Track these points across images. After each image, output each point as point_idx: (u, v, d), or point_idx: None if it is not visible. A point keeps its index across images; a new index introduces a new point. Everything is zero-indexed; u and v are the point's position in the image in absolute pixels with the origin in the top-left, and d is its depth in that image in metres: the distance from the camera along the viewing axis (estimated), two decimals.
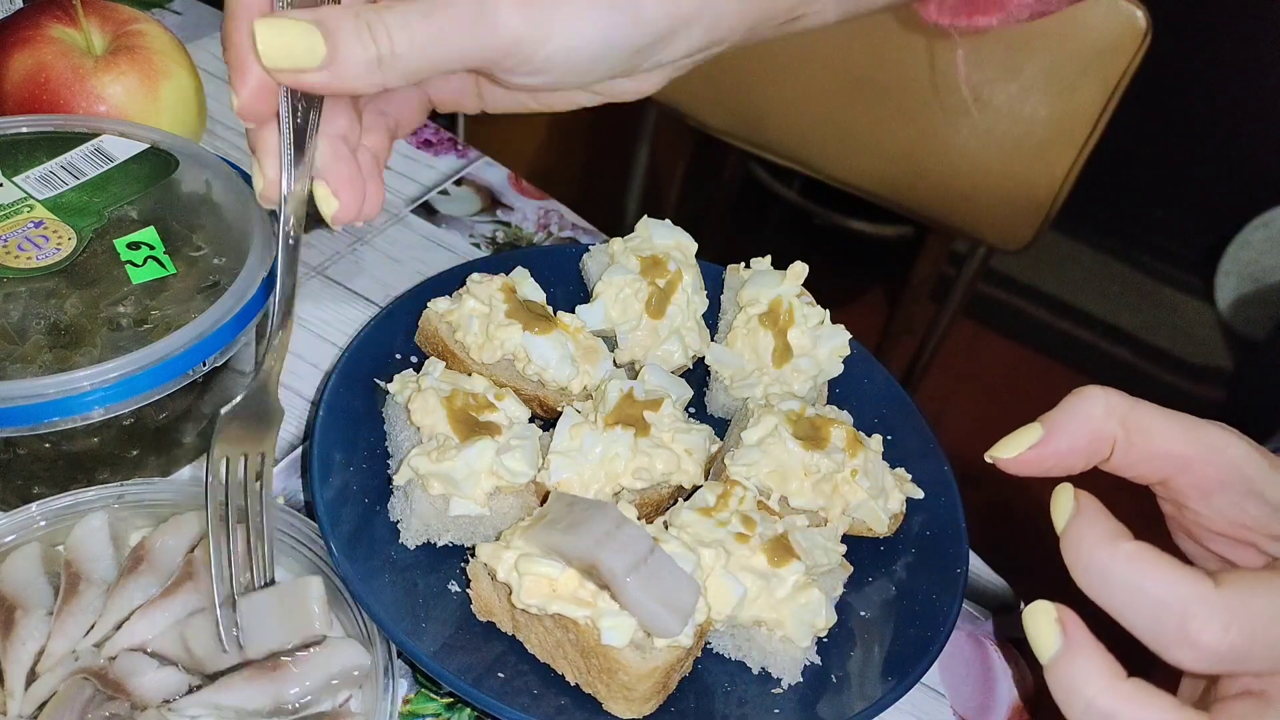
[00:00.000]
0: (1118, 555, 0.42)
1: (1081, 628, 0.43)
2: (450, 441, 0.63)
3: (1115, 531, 0.43)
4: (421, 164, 0.98)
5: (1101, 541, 0.43)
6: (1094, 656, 0.42)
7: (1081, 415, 0.48)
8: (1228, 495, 0.47)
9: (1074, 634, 0.43)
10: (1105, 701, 0.41)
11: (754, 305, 0.77)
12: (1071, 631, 0.43)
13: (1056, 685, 0.43)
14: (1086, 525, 0.43)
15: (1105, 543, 0.43)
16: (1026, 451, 0.49)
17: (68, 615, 0.57)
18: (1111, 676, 0.41)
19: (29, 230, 0.67)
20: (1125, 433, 0.47)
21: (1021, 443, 0.49)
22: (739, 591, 0.60)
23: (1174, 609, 0.40)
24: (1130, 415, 0.47)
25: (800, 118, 1.35)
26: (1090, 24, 1.17)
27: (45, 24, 0.77)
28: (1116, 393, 0.48)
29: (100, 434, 0.63)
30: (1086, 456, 0.48)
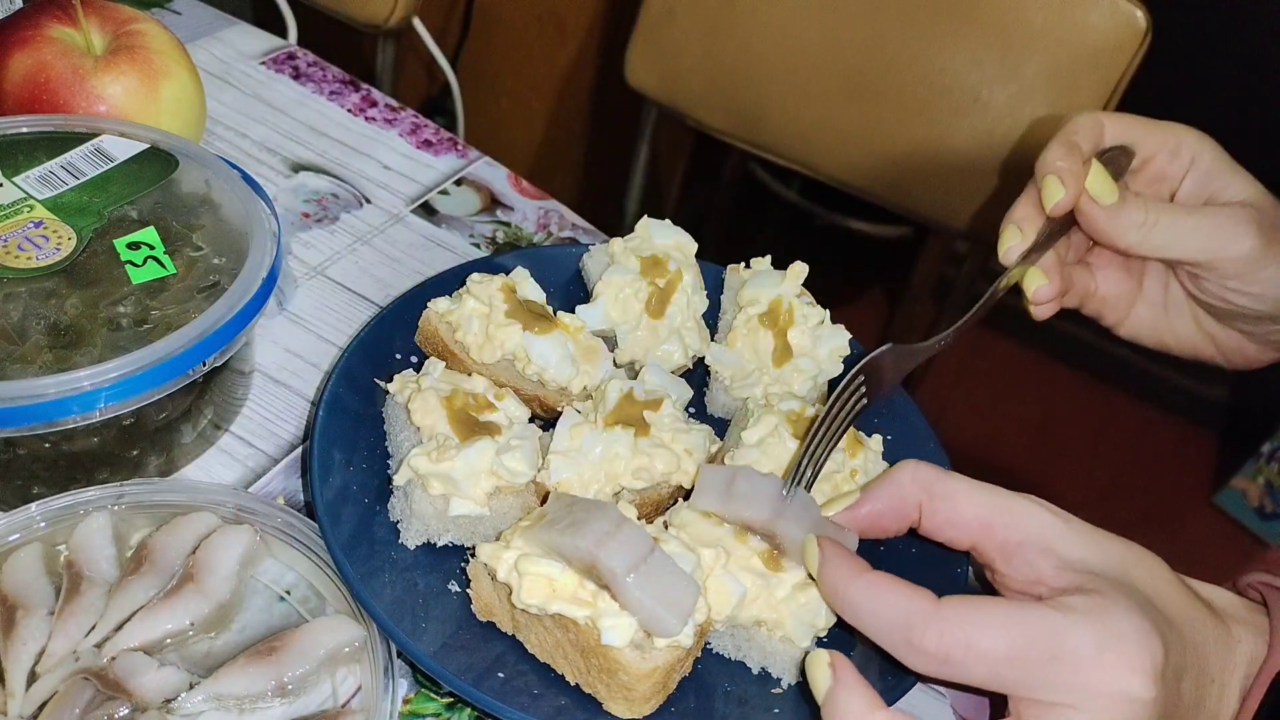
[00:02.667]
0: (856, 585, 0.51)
1: (849, 668, 0.50)
2: (450, 441, 0.63)
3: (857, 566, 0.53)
4: (421, 164, 0.98)
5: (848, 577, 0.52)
6: (856, 690, 0.49)
7: (890, 483, 0.56)
8: (1025, 555, 0.52)
9: (842, 674, 0.50)
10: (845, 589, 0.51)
11: (754, 305, 0.77)
12: (840, 672, 0.50)
13: (827, 716, 0.50)
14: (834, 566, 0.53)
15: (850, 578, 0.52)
16: (844, 512, 0.58)
17: (69, 615, 0.57)
18: (871, 706, 0.49)
19: (29, 230, 0.67)
20: (930, 499, 0.54)
21: (839, 505, 0.58)
22: (739, 591, 0.60)
23: (900, 624, 0.49)
24: (935, 484, 0.54)
25: (800, 118, 1.35)
26: (1090, 24, 1.17)
27: (45, 24, 0.77)
28: (926, 465, 0.56)
29: (100, 434, 0.63)
30: (896, 519, 0.56)
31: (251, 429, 0.73)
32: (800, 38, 1.29)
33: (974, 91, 1.24)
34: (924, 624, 0.48)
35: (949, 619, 0.48)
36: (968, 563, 0.68)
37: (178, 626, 0.57)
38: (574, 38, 2.04)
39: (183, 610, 0.57)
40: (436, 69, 1.59)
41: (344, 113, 1.01)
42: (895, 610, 0.49)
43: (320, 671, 0.58)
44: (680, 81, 1.39)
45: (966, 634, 0.47)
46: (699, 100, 1.39)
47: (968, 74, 1.23)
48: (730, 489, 0.60)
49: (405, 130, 1.01)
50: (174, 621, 0.57)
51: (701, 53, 1.36)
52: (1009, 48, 1.21)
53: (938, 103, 1.25)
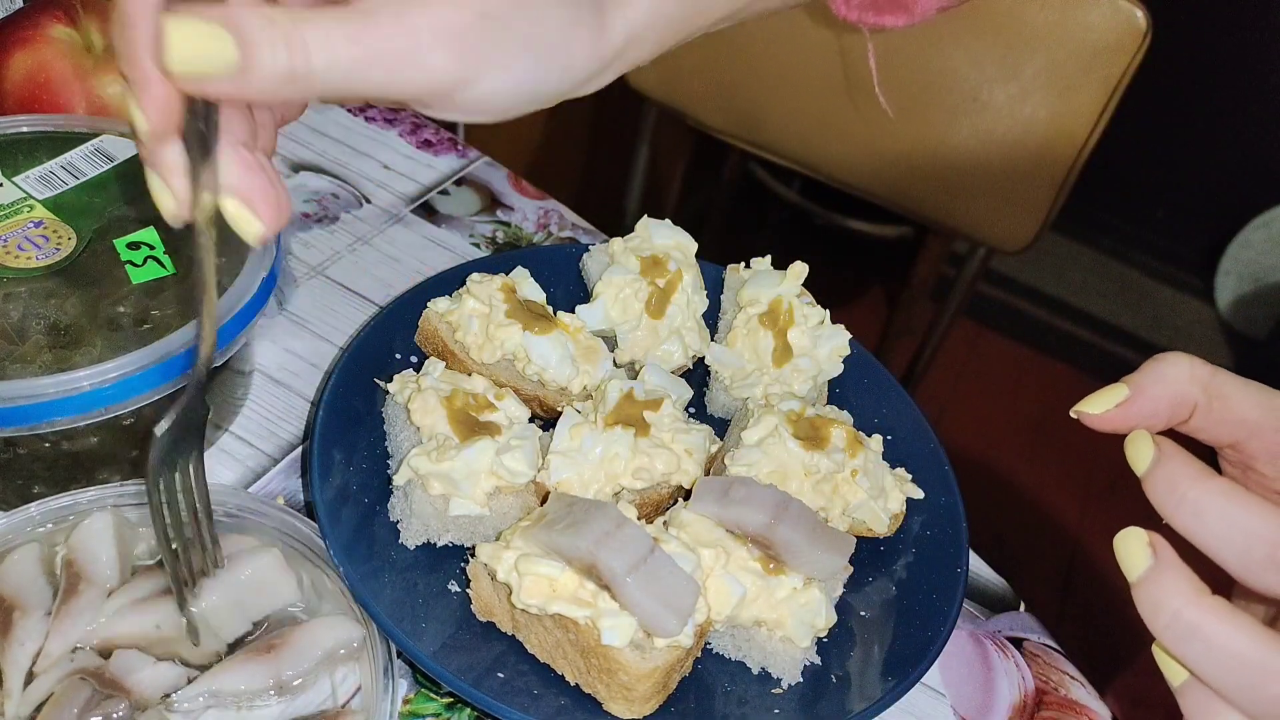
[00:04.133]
0: (1211, 490, 0.46)
1: (1170, 550, 0.46)
2: (450, 441, 0.63)
3: (1203, 469, 0.46)
4: (421, 164, 0.98)
5: (1192, 478, 0.46)
6: (1181, 573, 0.45)
7: (1166, 379, 0.51)
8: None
9: (1163, 554, 0.46)
10: (1191, 613, 0.44)
11: (754, 305, 0.77)
12: (1161, 552, 0.46)
13: (1144, 600, 0.46)
14: (1174, 464, 0.47)
15: (1196, 479, 0.46)
16: (1113, 409, 0.51)
17: (66, 616, 0.56)
18: (1197, 591, 0.45)
19: (29, 230, 0.67)
20: (1207, 399, 0.51)
21: (1108, 400, 0.52)
22: (739, 591, 0.60)
23: (1265, 537, 0.44)
24: (1211, 382, 0.50)
25: (800, 118, 1.35)
26: (1090, 24, 1.17)
27: (45, 24, 0.77)
28: (1199, 361, 0.51)
29: (100, 434, 0.63)
30: (1167, 418, 0.51)
31: (251, 429, 0.73)
32: (800, 37, 1.29)
33: (974, 91, 1.24)
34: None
35: None
36: (967, 562, 0.68)
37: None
38: None
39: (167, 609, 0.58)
40: None
41: (344, 113, 1.01)
42: (1261, 522, 0.45)
43: (319, 670, 0.58)
44: (680, 81, 1.39)
45: None
46: (699, 100, 1.39)
47: (967, 74, 1.23)
48: (727, 496, 0.60)
49: (405, 130, 1.01)
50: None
51: (701, 53, 1.36)
52: (1009, 48, 1.21)
53: (938, 103, 1.26)
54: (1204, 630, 0.44)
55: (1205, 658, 0.45)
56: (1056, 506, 2.18)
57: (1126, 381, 0.52)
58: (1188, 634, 0.45)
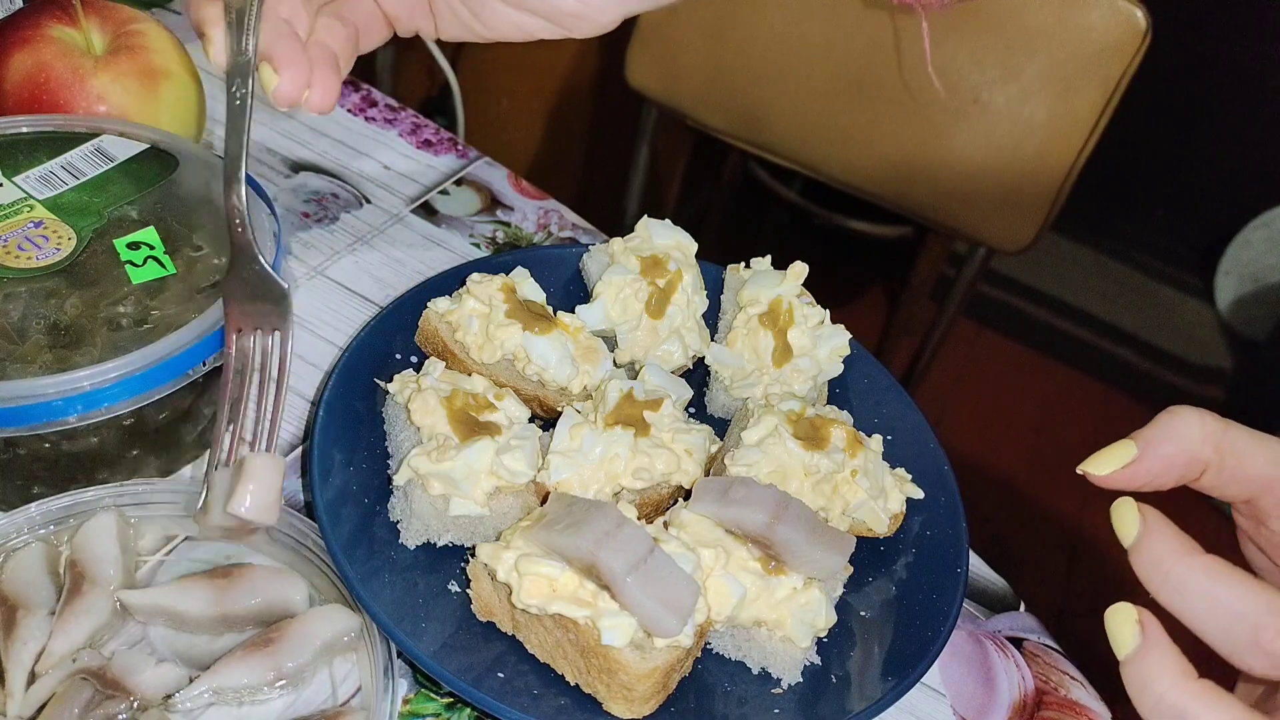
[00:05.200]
0: (1194, 567, 0.45)
1: (1158, 628, 0.45)
2: (450, 441, 0.63)
3: (1188, 545, 0.45)
4: (421, 164, 0.98)
5: (1177, 554, 0.45)
6: (1168, 655, 0.45)
7: (1177, 437, 0.49)
8: None
9: (1151, 633, 0.45)
10: (1176, 697, 0.44)
11: (754, 305, 0.77)
12: (1149, 631, 0.45)
13: (1131, 680, 0.45)
14: (1160, 539, 0.46)
15: (1181, 556, 0.45)
16: (1120, 470, 0.50)
17: (70, 615, 0.57)
18: (1183, 675, 0.44)
19: (29, 230, 0.67)
20: (1219, 457, 0.49)
21: (1117, 460, 0.50)
22: (739, 592, 0.60)
23: (1249, 619, 0.43)
24: (1224, 439, 0.49)
25: (800, 118, 1.35)
26: (1090, 24, 1.17)
27: (45, 24, 0.77)
28: (1211, 416, 0.49)
29: (100, 434, 0.63)
30: (1178, 477, 0.50)
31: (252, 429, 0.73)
32: (800, 38, 1.29)
33: (974, 92, 1.24)
34: (1278, 623, 0.43)
35: None
36: (967, 562, 0.68)
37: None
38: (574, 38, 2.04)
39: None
40: (436, 69, 1.59)
41: (344, 113, 1.01)
42: (1244, 604, 0.44)
43: (318, 662, 0.58)
44: (680, 81, 1.39)
45: None
46: (699, 100, 1.39)
47: (968, 74, 1.23)
48: (727, 496, 0.60)
49: (405, 130, 1.01)
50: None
51: (701, 53, 1.36)
52: (1009, 48, 1.21)
53: (937, 103, 1.26)
54: (1188, 715, 0.44)
55: None
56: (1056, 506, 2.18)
57: (1135, 438, 0.50)
58: (1173, 718, 0.44)
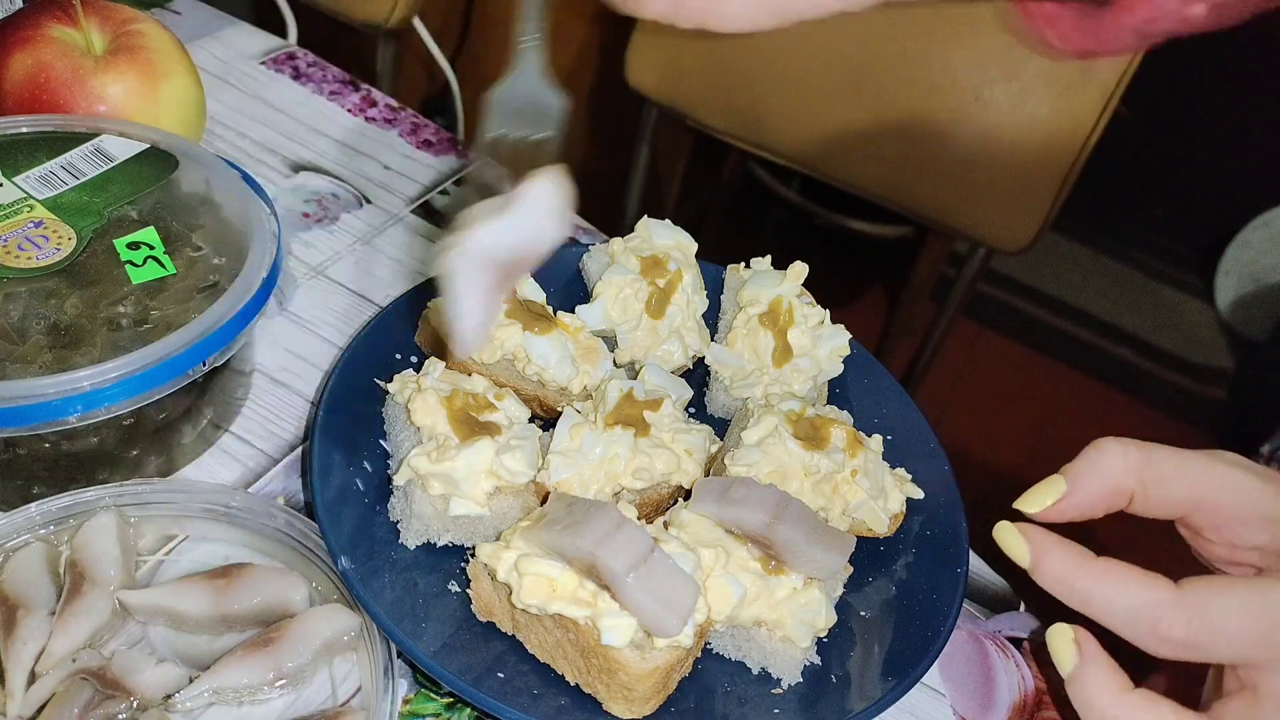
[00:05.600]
0: (1090, 575, 0.50)
1: (1094, 644, 0.50)
2: (450, 441, 0.63)
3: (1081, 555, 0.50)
4: (421, 164, 0.98)
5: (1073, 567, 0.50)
6: (1104, 671, 0.49)
7: (1102, 471, 0.54)
8: (1238, 527, 0.53)
9: (1088, 651, 0.50)
10: (1115, 711, 0.48)
11: (754, 305, 0.77)
12: (1086, 649, 0.50)
13: (1075, 697, 0.50)
14: (1054, 557, 0.51)
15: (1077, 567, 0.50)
16: (1052, 507, 0.54)
17: (70, 615, 0.57)
18: (1120, 689, 0.49)
19: (29, 230, 0.67)
20: (1142, 485, 0.53)
21: (1046, 497, 0.55)
22: (739, 592, 0.60)
23: (1144, 614, 0.48)
24: (1147, 468, 0.53)
25: (800, 118, 1.35)
26: None
27: (45, 24, 0.77)
28: (1134, 445, 0.53)
29: (100, 434, 0.63)
30: (1105, 508, 0.54)
31: (251, 429, 0.73)
32: (800, 38, 1.29)
33: (974, 91, 1.24)
34: (1171, 614, 0.48)
35: (1195, 606, 0.48)
36: (967, 562, 0.68)
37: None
38: (574, 38, 2.04)
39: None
40: (436, 69, 1.59)
41: (344, 113, 1.01)
42: (1137, 600, 0.49)
43: (318, 662, 0.58)
44: (680, 81, 1.39)
45: (1216, 619, 0.48)
46: (699, 100, 1.39)
47: (968, 73, 1.23)
48: (727, 496, 0.60)
49: (405, 130, 1.01)
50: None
51: (701, 53, 1.36)
52: (1009, 47, 1.21)
53: (938, 102, 1.25)
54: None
55: None
56: None
57: (1064, 473, 0.54)
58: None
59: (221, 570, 0.61)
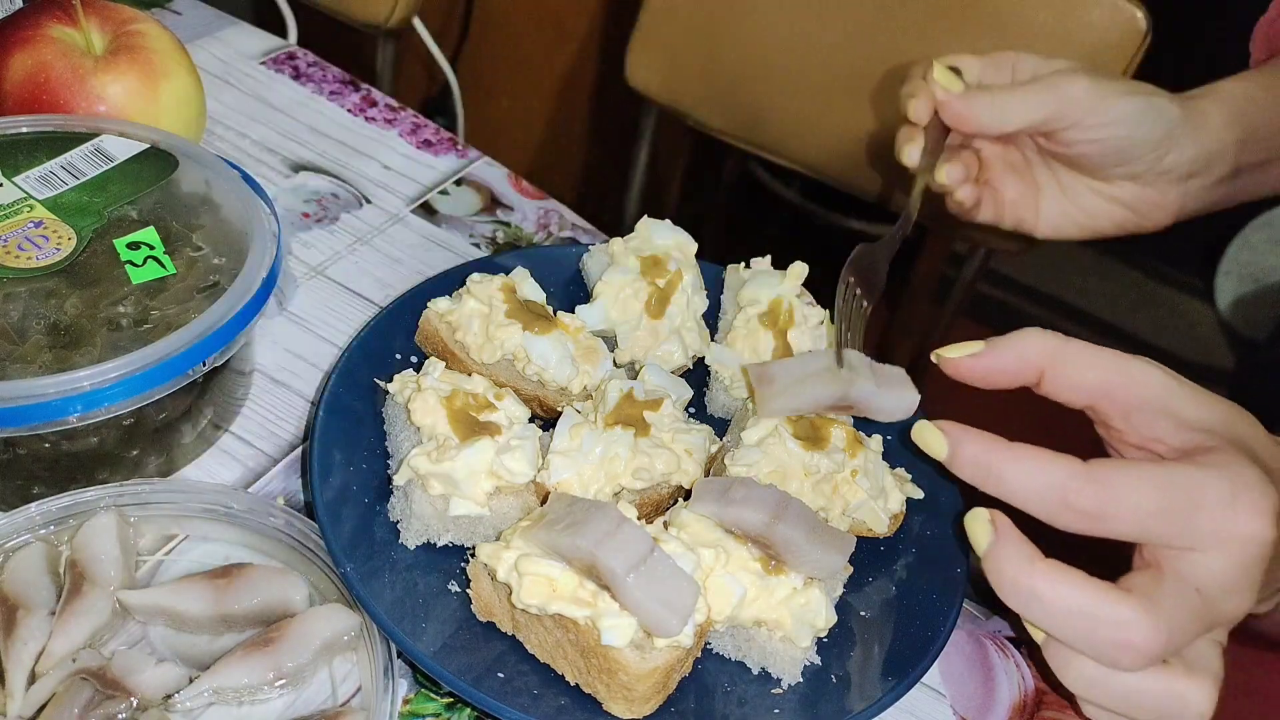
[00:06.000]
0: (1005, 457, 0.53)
1: (1009, 525, 0.53)
2: (450, 441, 0.63)
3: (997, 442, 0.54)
4: (421, 164, 0.98)
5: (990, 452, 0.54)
6: (1015, 544, 0.52)
7: (1018, 343, 0.59)
8: (1143, 415, 0.56)
9: (1002, 529, 0.53)
10: (1027, 579, 0.51)
11: (754, 305, 0.77)
12: (1000, 527, 0.53)
13: (990, 572, 0.53)
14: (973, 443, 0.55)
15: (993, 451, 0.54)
16: (965, 358, 0.60)
17: (70, 615, 0.57)
18: (1029, 559, 0.52)
19: (29, 230, 0.67)
20: (1053, 365, 0.58)
21: (963, 351, 0.61)
22: (739, 592, 0.60)
23: (1056, 485, 0.52)
24: (1060, 350, 0.58)
25: (800, 118, 1.35)
26: (1090, 24, 1.17)
27: (45, 24, 0.77)
28: (1053, 334, 0.59)
29: (100, 434, 0.63)
30: (1012, 377, 0.60)
31: (251, 429, 0.73)
32: (800, 38, 1.29)
33: None
34: (1079, 485, 0.51)
35: (1104, 479, 0.51)
36: (968, 562, 0.68)
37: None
38: (574, 38, 2.04)
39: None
40: (436, 69, 1.59)
41: (344, 113, 1.01)
42: (1049, 474, 0.52)
43: (318, 662, 0.58)
44: (680, 81, 1.39)
45: (1121, 491, 0.51)
46: (699, 100, 1.39)
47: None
48: (727, 496, 0.60)
49: (405, 130, 1.01)
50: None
51: (701, 53, 1.36)
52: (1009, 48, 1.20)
53: None
54: (1038, 591, 0.51)
55: (1043, 615, 0.52)
56: None
57: (986, 340, 0.60)
58: (1027, 597, 0.52)
59: (221, 570, 0.61)
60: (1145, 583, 0.52)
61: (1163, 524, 0.51)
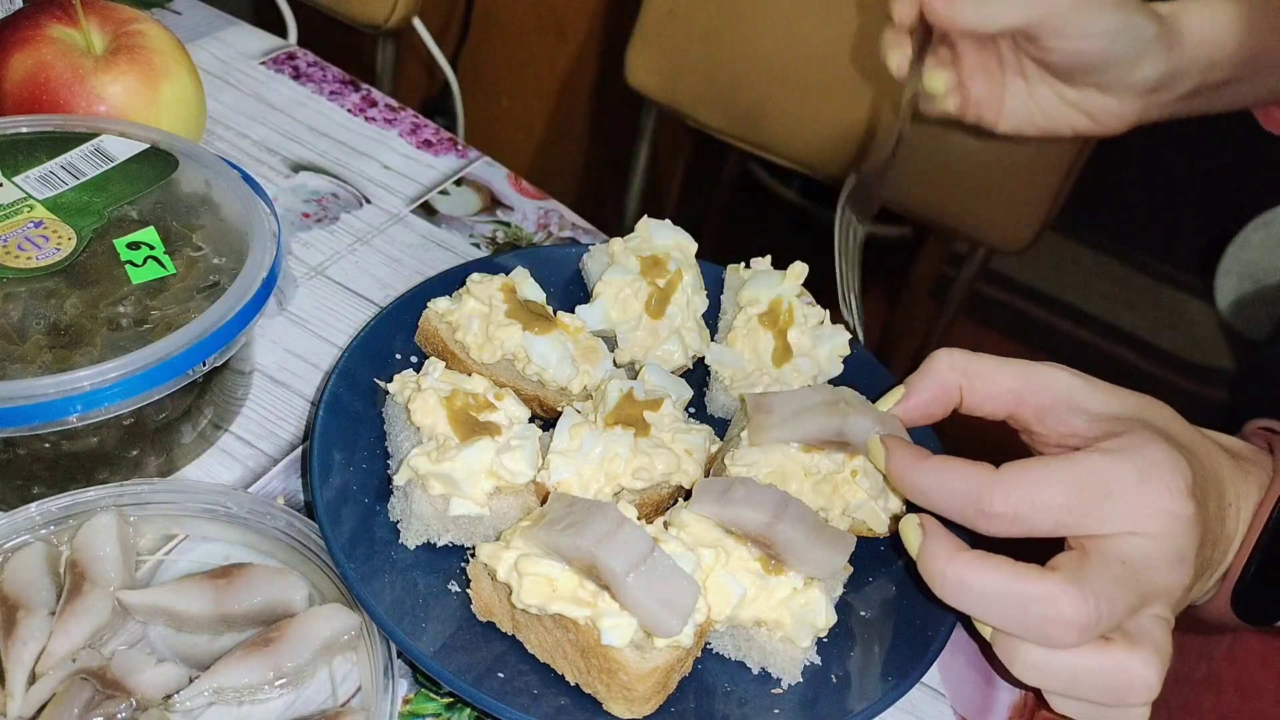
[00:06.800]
0: (923, 468, 0.56)
1: (936, 525, 0.56)
2: (450, 441, 0.63)
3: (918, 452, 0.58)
4: (421, 164, 0.98)
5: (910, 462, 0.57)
6: (941, 539, 0.54)
7: (932, 372, 0.61)
8: (1056, 415, 0.58)
9: (930, 528, 0.55)
10: (953, 569, 0.53)
11: (754, 305, 0.77)
12: (928, 526, 0.55)
13: (923, 571, 0.55)
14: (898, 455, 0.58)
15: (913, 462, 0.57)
16: (896, 407, 0.62)
17: (70, 616, 0.57)
18: (955, 550, 0.54)
19: (29, 230, 0.67)
20: (967, 380, 0.60)
21: (890, 400, 0.63)
22: (739, 592, 0.60)
23: (970, 494, 0.53)
24: (970, 366, 0.60)
25: (800, 118, 1.35)
26: None
27: (45, 24, 0.77)
28: (959, 351, 0.61)
29: (100, 434, 0.63)
30: (943, 405, 0.61)
31: (251, 429, 0.73)
32: (800, 37, 1.29)
33: None
34: (990, 491, 0.53)
35: (1011, 482, 0.53)
36: None
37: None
38: (574, 38, 2.04)
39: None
40: (436, 69, 1.59)
41: (344, 113, 1.01)
42: (962, 484, 0.54)
43: (318, 662, 0.58)
44: (680, 81, 1.39)
45: (1029, 491, 0.52)
46: (699, 100, 1.39)
47: None
48: (727, 496, 0.60)
49: (405, 130, 1.01)
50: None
51: (701, 53, 1.36)
52: None
53: None
54: (965, 580, 0.53)
55: (975, 603, 0.53)
56: None
57: (906, 382, 0.62)
58: (956, 587, 0.53)
59: (221, 570, 0.61)
60: (1069, 560, 0.53)
61: (1076, 516, 0.52)
